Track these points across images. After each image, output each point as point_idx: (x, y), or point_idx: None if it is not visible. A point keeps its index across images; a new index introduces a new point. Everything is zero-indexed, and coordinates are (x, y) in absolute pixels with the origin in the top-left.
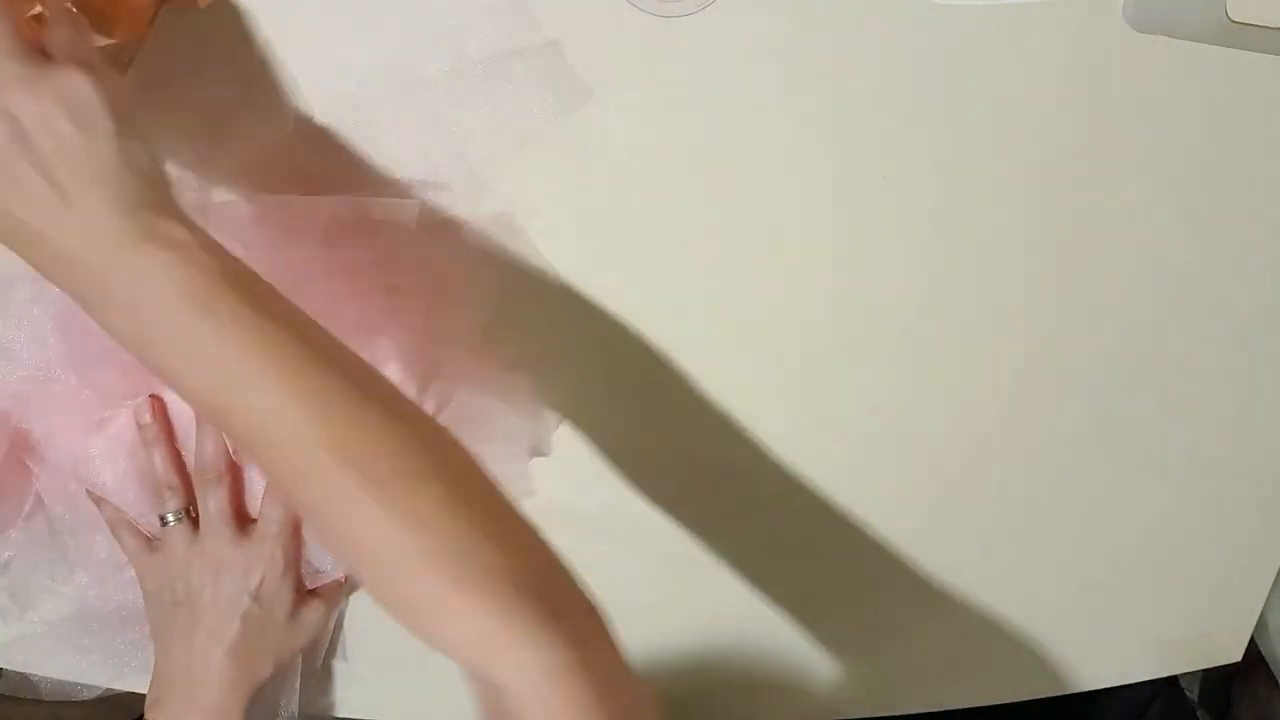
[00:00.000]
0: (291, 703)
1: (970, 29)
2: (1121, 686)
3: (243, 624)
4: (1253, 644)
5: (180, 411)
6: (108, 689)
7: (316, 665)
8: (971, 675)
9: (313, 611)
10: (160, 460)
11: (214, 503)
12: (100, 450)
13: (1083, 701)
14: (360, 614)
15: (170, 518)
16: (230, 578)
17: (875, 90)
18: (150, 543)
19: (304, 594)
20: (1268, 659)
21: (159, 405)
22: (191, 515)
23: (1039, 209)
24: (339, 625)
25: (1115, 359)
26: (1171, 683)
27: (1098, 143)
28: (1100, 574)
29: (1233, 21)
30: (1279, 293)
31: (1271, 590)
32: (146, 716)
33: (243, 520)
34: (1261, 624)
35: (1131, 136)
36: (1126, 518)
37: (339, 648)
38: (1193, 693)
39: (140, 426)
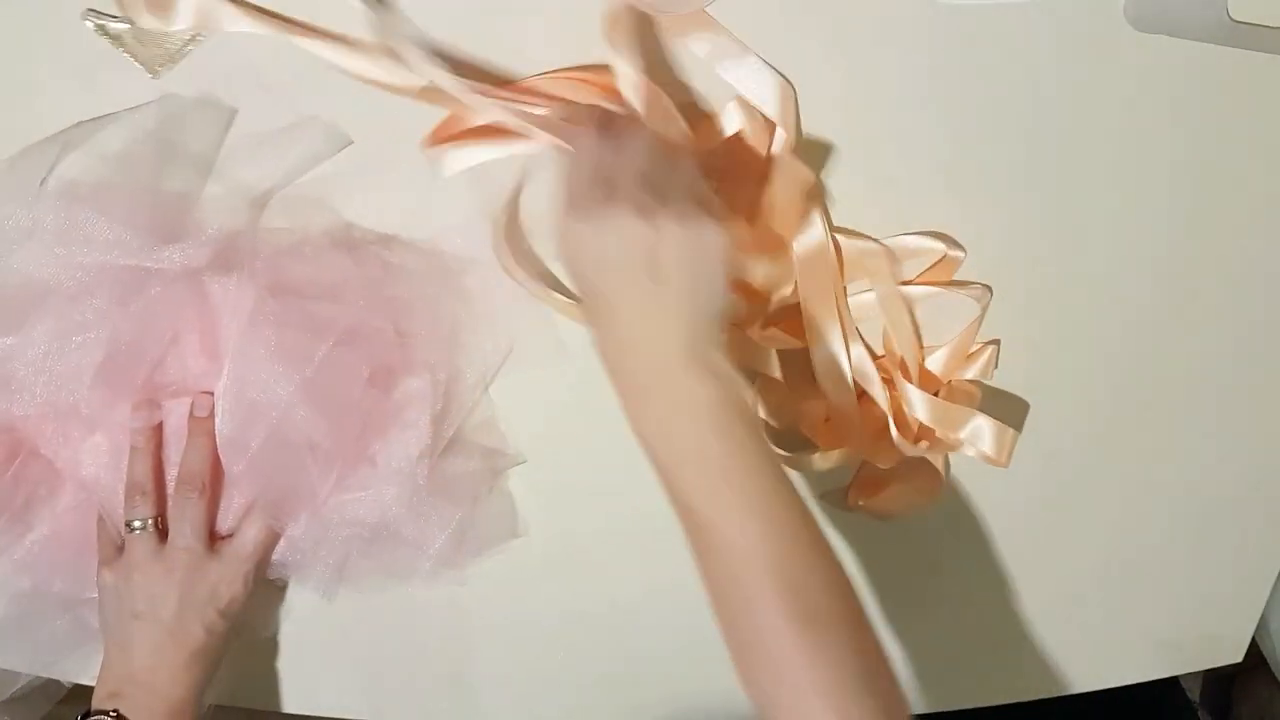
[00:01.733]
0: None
1: (970, 28)
2: (1122, 687)
3: (207, 634)
4: (1254, 645)
5: (168, 423)
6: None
7: None
8: (972, 675)
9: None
10: (141, 465)
11: (191, 515)
12: (88, 448)
13: (1083, 702)
14: (360, 616)
15: (137, 524)
16: (198, 594)
17: (875, 89)
18: (117, 547)
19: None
20: (1269, 660)
21: (155, 415)
22: (160, 526)
23: (1039, 208)
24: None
25: (1115, 359)
26: (1172, 683)
27: (1098, 142)
28: (1102, 574)
29: (1234, 21)
30: (1278, 293)
31: (1273, 591)
32: (104, 705)
33: (212, 537)
34: (1263, 625)
35: (1132, 136)
36: (1128, 518)
37: (340, 649)
38: (1194, 693)
39: (131, 431)
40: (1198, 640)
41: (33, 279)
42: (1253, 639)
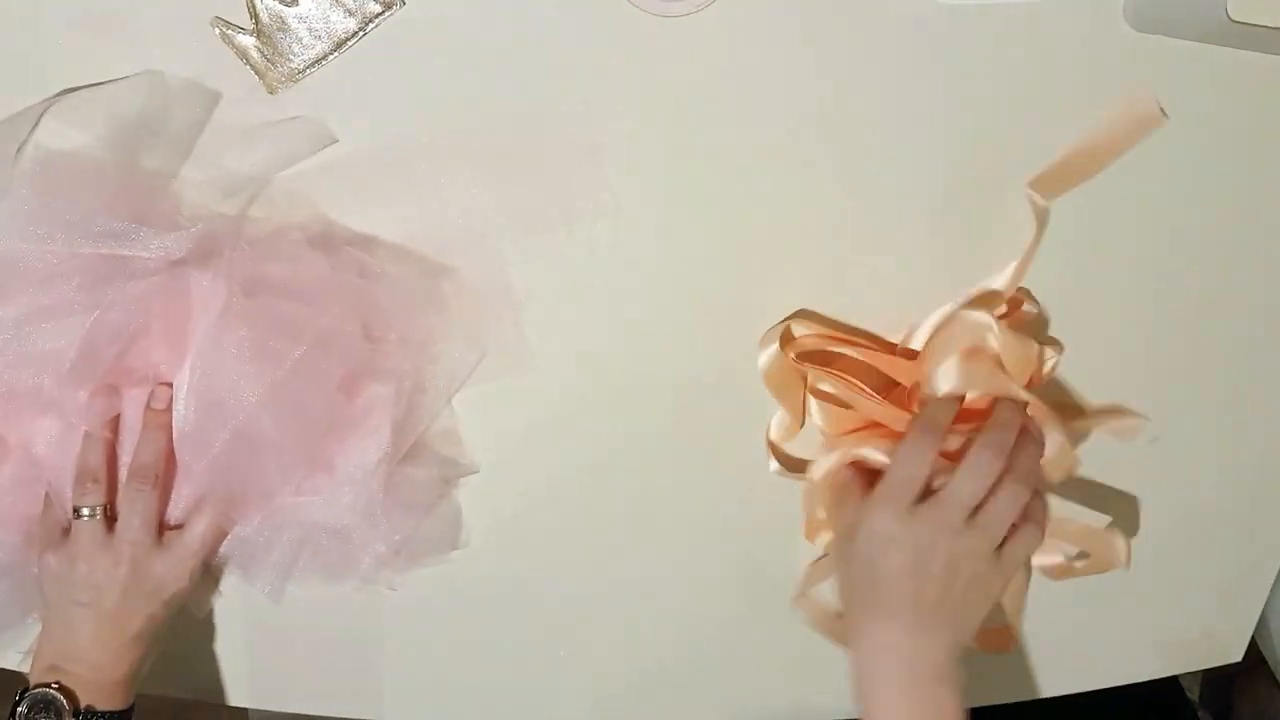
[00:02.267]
0: None
1: (971, 28)
2: (1122, 686)
3: (148, 621)
4: (1254, 644)
5: (126, 412)
6: None
7: None
8: (972, 675)
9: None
10: (94, 451)
11: (142, 508)
12: (41, 428)
13: (1083, 701)
14: (363, 618)
15: (86, 511)
16: (143, 587)
17: (876, 89)
18: (62, 529)
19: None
20: (1269, 659)
21: (115, 403)
22: (108, 514)
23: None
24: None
25: (1114, 359)
26: (1172, 683)
27: None
28: (1102, 574)
29: (1233, 21)
30: (1278, 293)
31: (1272, 590)
32: (44, 678)
33: (160, 528)
34: (1262, 624)
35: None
36: (1127, 518)
37: (340, 648)
38: (1193, 693)
39: (88, 417)
40: (1198, 640)
41: (3, 258)
42: (1253, 639)
